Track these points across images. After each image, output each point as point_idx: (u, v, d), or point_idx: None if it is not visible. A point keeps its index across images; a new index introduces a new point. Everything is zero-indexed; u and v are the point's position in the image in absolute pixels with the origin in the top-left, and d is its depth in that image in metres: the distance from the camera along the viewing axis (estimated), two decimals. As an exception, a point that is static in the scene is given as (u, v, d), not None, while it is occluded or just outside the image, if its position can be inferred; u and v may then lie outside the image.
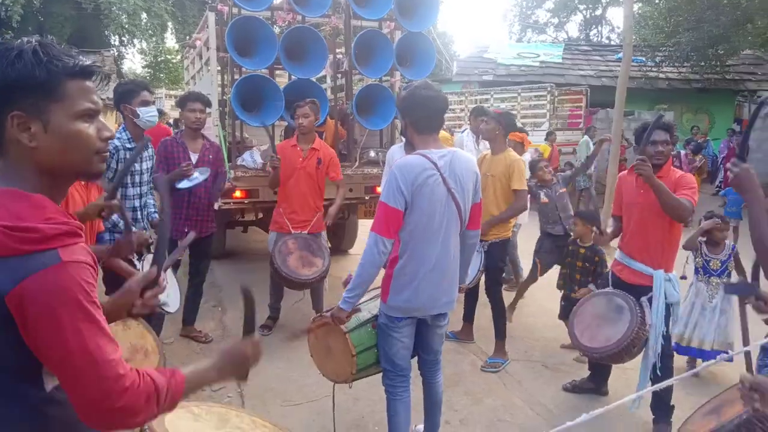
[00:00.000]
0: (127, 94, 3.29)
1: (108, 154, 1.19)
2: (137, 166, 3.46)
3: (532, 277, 4.92)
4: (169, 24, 19.71)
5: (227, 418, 1.64)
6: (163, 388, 1.09)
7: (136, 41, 20.48)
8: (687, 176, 3.18)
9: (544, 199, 4.81)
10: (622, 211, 3.36)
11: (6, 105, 1.01)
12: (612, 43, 23.85)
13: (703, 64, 14.55)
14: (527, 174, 4.89)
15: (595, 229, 4.15)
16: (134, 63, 22.44)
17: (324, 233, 4.66)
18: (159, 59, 24.50)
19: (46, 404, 1.07)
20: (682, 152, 10.76)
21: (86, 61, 1.09)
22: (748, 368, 3.18)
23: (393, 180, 2.42)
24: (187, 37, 16.77)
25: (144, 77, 22.97)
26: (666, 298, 3.12)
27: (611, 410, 1.91)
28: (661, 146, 3.05)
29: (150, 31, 18.48)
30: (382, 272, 2.61)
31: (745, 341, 2.63)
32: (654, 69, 15.36)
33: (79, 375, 1.00)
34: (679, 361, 3.83)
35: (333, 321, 2.60)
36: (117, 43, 20.93)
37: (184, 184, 3.94)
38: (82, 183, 2.66)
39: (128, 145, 3.34)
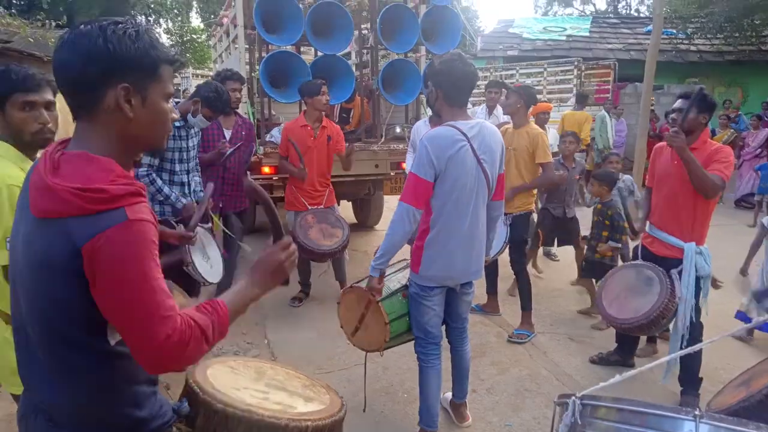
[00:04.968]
0: None
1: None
2: (183, 144, 3.56)
3: (535, 246, 5.10)
4: (194, 3, 19.80)
5: (263, 371, 1.72)
6: (209, 327, 1.18)
7: (162, 21, 20.62)
8: (724, 149, 3.10)
9: (562, 175, 4.67)
10: (653, 183, 3.34)
11: (118, 76, 1.12)
12: (641, 15, 23.17)
13: (737, 35, 14.06)
14: (554, 148, 4.88)
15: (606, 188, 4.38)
16: (161, 43, 22.66)
17: (337, 207, 4.79)
18: (185, 39, 24.62)
19: (111, 357, 1.17)
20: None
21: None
22: None
23: (423, 151, 2.43)
24: (212, 16, 16.82)
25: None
26: (696, 271, 3.09)
27: (640, 376, 1.96)
28: (674, 114, 3.16)
29: (175, 10, 18.61)
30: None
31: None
32: (685, 41, 14.89)
33: (138, 323, 1.10)
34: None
35: (371, 291, 2.68)
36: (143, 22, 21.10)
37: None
38: None
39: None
